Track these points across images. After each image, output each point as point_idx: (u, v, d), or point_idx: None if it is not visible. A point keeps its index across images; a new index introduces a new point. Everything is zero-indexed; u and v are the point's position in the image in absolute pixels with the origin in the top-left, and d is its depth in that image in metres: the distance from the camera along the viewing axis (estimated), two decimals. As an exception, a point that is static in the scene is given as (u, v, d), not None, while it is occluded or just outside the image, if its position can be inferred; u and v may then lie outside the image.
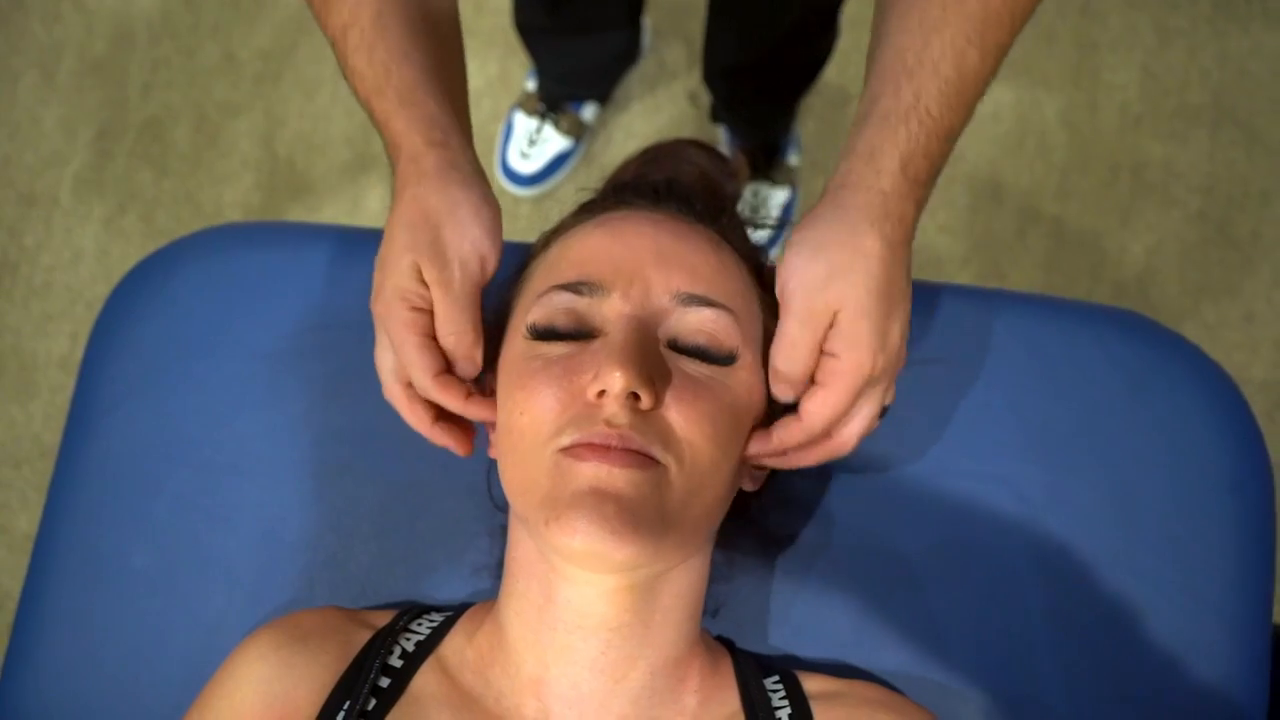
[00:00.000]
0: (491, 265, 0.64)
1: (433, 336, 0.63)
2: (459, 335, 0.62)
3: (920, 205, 0.59)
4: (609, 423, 0.56)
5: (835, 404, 0.60)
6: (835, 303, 0.58)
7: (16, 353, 1.66)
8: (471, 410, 0.64)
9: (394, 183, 0.64)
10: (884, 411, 0.64)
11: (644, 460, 0.57)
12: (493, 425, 0.67)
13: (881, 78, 0.58)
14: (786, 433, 0.61)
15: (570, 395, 0.59)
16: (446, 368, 0.63)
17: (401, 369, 0.64)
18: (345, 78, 0.67)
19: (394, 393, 0.66)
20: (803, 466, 0.64)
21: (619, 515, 0.55)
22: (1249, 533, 0.75)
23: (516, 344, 0.63)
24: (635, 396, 0.57)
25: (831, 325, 0.59)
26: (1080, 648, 0.73)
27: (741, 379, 0.61)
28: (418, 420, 0.66)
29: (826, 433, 0.62)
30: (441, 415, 0.66)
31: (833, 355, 0.59)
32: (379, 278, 0.64)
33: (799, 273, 0.59)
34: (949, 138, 0.57)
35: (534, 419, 0.59)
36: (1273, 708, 0.74)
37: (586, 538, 0.55)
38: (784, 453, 0.63)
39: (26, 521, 1.58)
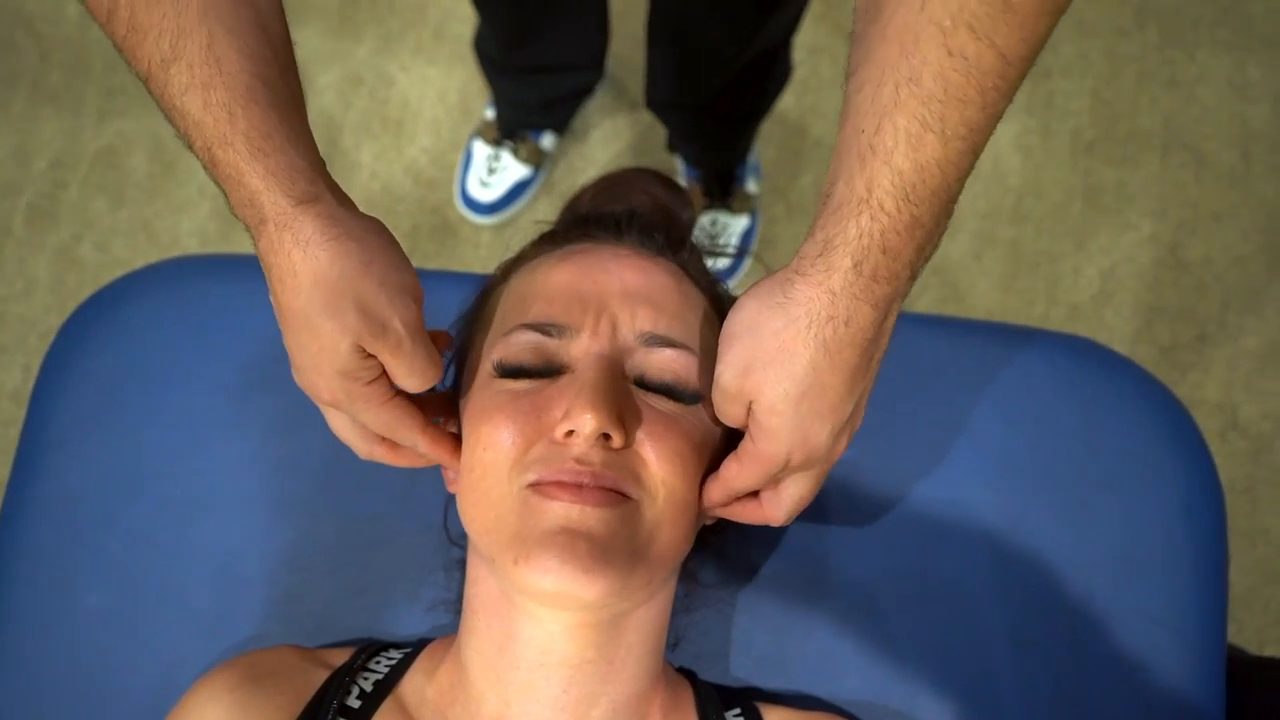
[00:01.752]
0: (418, 289, 0.59)
1: (395, 393, 0.60)
2: (424, 377, 0.59)
3: (885, 303, 0.52)
4: (579, 460, 0.57)
5: (745, 481, 0.59)
6: (751, 391, 0.55)
7: (-32, 385, 1.63)
8: (457, 459, 0.64)
9: (259, 245, 0.56)
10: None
11: (615, 497, 0.57)
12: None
13: (839, 158, 0.52)
14: (711, 487, 0.61)
15: (537, 431, 0.58)
16: (422, 416, 0.62)
17: (370, 431, 0.63)
18: (169, 119, 0.55)
19: (375, 453, 0.64)
20: (741, 521, 0.64)
21: (590, 554, 0.55)
22: (1201, 554, 0.76)
23: (483, 381, 0.63)
24: (606, 436, 0.57)
25: (750, 410, 0.57)
26: (1040, 671, 0.73)
27: (703, 417, 0.62)
28: (410, 461, 0.65)
29: (752, 495, 0.62)
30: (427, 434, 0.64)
31: (749, 436, 0.57)
32: (307, 368, 0.58)
33: (729, 344, 0.56)
34: (914, 229, 0.50)
35: (500, 454, 0.58)
36: (1229, 728, 0.75)
37: (558, 578, 0.54)
38: (714, 505, 0.63)
39: (-22, 557, 1.55)
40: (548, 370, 0.61)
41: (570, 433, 0.57)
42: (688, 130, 1.56)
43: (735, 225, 1.64)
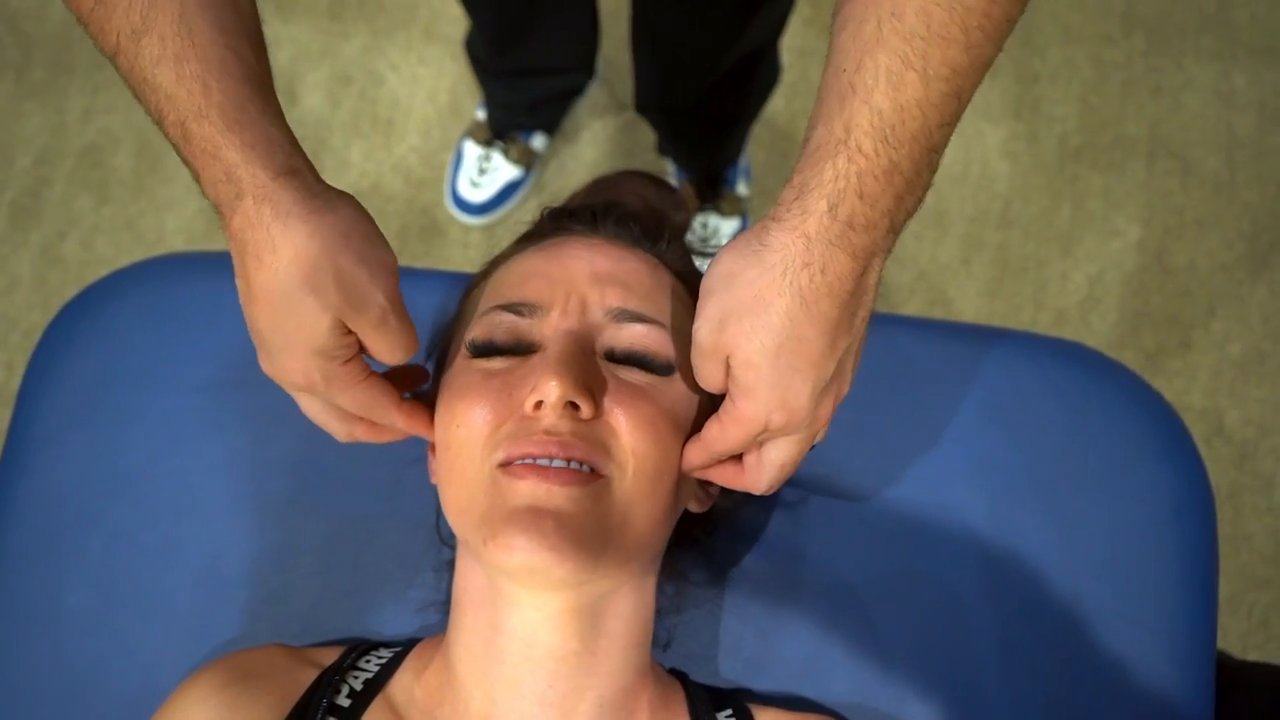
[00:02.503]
0: (394, 264, 0.58)
1: (370, 373, 0.59)
2: (404, 351, 0.58)
3: (864, 254, 0.51)
4: (548, 431, 0.56)
5: (726, 442, 0.57)
6: (727, 345, 0.53)
7: (-51, 383, 1.62)
8: (431, 429, 0.63)
9: (233, 223, 0.54)
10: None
11: (584, 476, 0.56)
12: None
13: (820, 100, 0.51)
14: (691, 449, 0.60)
15: (508, 408, 0.58)
16: (396, 394, 0.61)
17: (347, 412, 0.62)
18: (138, 96, 0.53)
19: (356, 433, 0.63)
20: (724, 485, 0.63)
21: (558, 531, 0.54)
22: (1191, 559, 0.76)
23: (457, 364, 0.63)
24: (574, 407, 0.57)
25: (727, 367, 0.55)
26: (1027, 674, 0.73)
27: (680, 389, 0.61)
28: (392, 436, 0.64)
29: (736, 459, 0.61)
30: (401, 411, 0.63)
31: (729, 396, 0.56)
32: (280, 350, 0.57)
33: (705, 298, 0.55)
34: (893, 175, 0.49)
35: (470, 432, 0.58)
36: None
37: (525, 554, 0.54)
38: (695, 468, 0.62)
39: (-43, 557, 1.54)
40: (518, 348, 0.61)
41: (539, 404, 0.57)
42: (676, 133, 1.56)
43: (726, 227, 1.64)
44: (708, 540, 0.75)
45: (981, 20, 0.47)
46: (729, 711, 0.67)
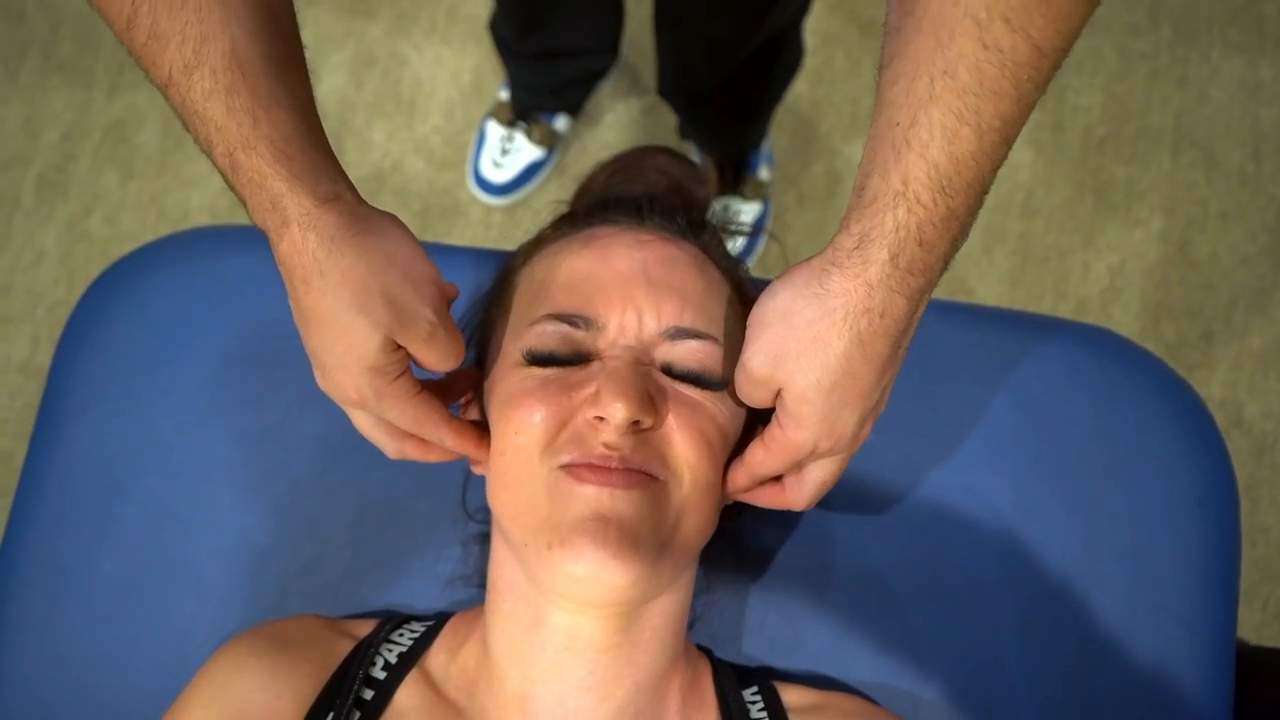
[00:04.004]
0: (440, 278, 0.60)
1: (421, 389, 0.61)
2: (454, 361, 0.60)
3: (918, 295, 0.53)
4: (609, 446, 0.57)
5: (771, 466, 0.60)
6: (782, 380, 0.55)
7: (-26, 355, 1.63)
8: (484, 451, 0.65)
9: (280, 249, 0.56)
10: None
11: (644, 479, 0.58)
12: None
13: (873, 150, 0.52)
14: (735, 473, 0.62)
15: (568, 413, 0.59)
16: (446, 411, 0.63)
17: (397, 429, 0.63)
18: (188, 127, 0.55)
19: (405, 450, 0.64)
20: (764, 506, 0.65)
21: (621, 539, 0.55)
22: (1214, 547, 0.76)
23: (510, 368, 0.63)
24: (635, 422, 0.58)
25: (778, 397, 0.57)
26: (1049, 660, 0.74)
27: (730, 404, 0.62)
28: (441, 456, 0.65)
29: (777, 480, 0.63)
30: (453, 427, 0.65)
31: (776, 423, 0.58)
32: (333, 368, 0.58)
33: (760, 329, 0.57)
34: (950, 221, 0.50)
35: (531, 438, 0.59)
36: (1236, 720, 0.75)
37: (592, 565, 0.55)
38: (738, 490, 0.64)
39: (-18, 527, 1.55)
40: (576, 359, 0.62)
41: (600, 419, 0.58)
42: (698, 118, 1.56)
43: (747, 212, 1.64)
44: (736, 524, 0.75)
45: (1031, 73, 0.48)
46: (754, 689, 0.67)
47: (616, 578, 0.55)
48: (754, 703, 0.66)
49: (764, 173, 1.67)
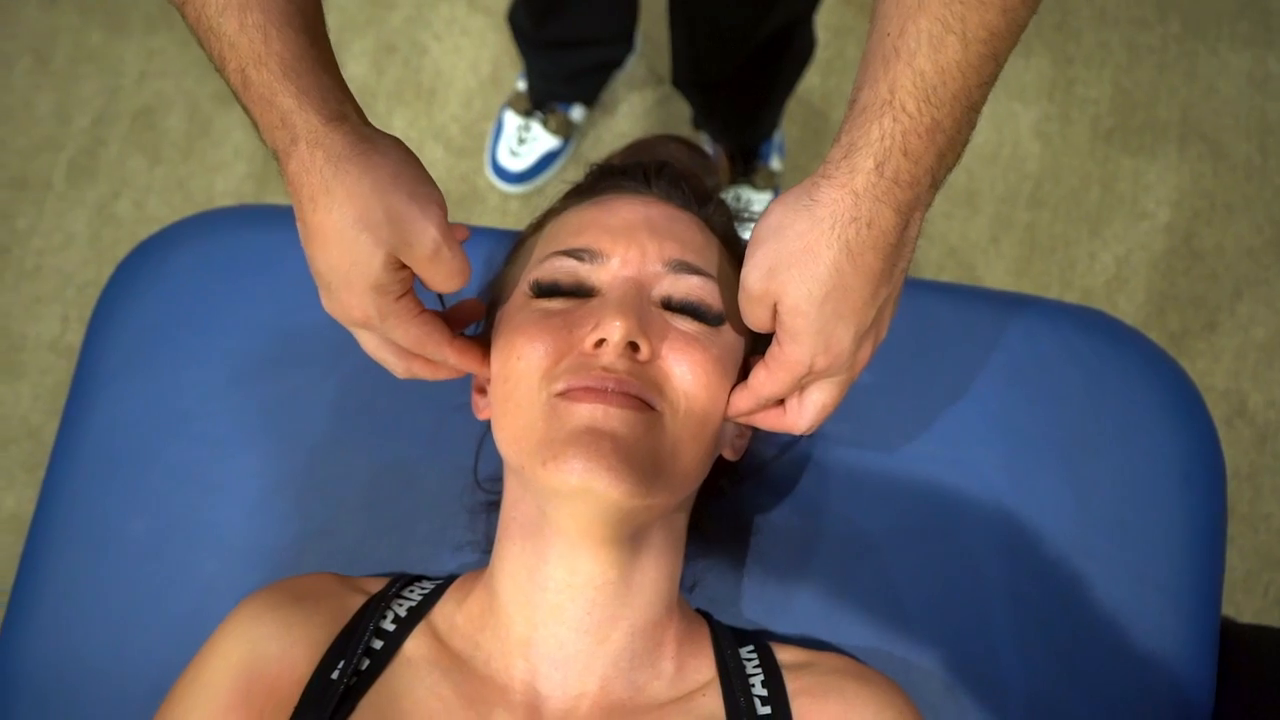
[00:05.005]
0: (442, 198, 0.60)
1: (423, 309, 0.62)
2: (458, 279, 0.60)
3: (907, 208, 0.53)
4: (606, 369, 0.60)
5: (773, 387, 0.60)
6: (776, 292, 0.56)
7: (6, 334, 1.67)
8: (488, 366, 0.66)
9: (289, 168, 0.57)
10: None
11: (639, 404, 0.60)
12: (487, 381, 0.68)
13: (865, 64, 0.53)
14: (738, 396, 0.64)
15: (568, 344, 0.62)
16: (449, 330, 0.64)
17: (404, 349, 0.64)
18: (202, 44, 0.57)
19: (413, 368, 0.65)
20: (767, 429, 0.66)
21: (615, 452, 0.58)
22: (1199, 523, 0.78)
23: (517, 301, 0.66)
24: (633, 348, 0.60)
25: (775, 313, 0.58)
26: (1035, 627, 0.76)
27: (727, 340, 0.65)
28: (448, 374, 0.66)
29: (779, 404, 0.64)
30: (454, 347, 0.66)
31: (776, 341, 0.59)
32: (338, 287, 0.59)
33: (755, 247, 0.57)
34: (935, 133, 0.51)
35: (530, 364, 0.62)
36: (1219, 694, 0.77)
37: (584, 474, 0.57)
38: (741, 414, 0.65)
39: (13, 501, 1.60)
40: (579, 291, 0.65)
41: (600, 343, 0.60)
42: (711, 108, 1.58)
43: (758, 201, 1.66)
44: (735, 490, 0.78)
45: None
46: (750, 648, 0.70)
47: (610, 489, 0.57)
48: (749, 659, 0.69)
49: (776, 162, 1.69)
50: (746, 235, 1.47)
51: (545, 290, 0.65)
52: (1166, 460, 0.79)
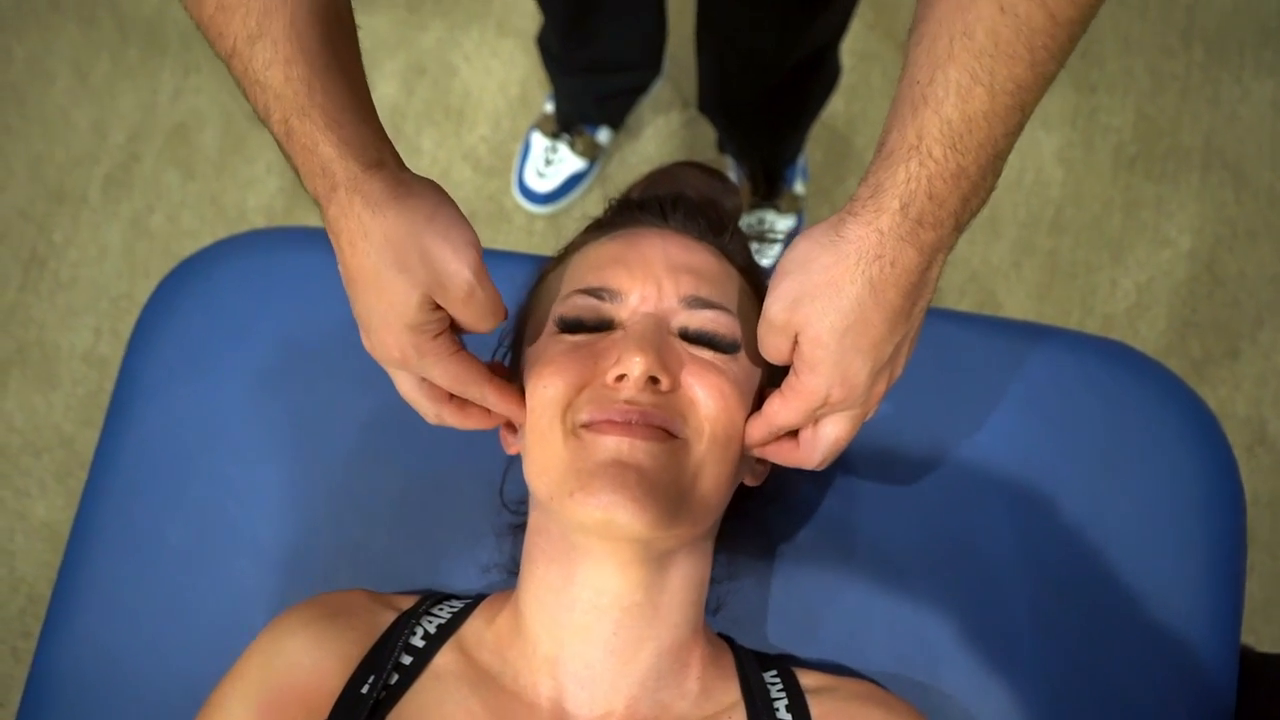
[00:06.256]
0: (477, 240, 0.61)
1: (461, 348, 0.63)
2: (493, 319, 0.62)
3: (930, 249, 0.55)
4: (629, 402, 0.62)
5: (787, 415, 0.62)
6: (798, 324, 0.58)
7: (41, 345, 1.70)
8: (523, 410, 0.67)
9: (329, 213, 0.59)
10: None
11: (663, 434, 0.62)
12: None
13: (894, 108, 0.55)
14: (752, 425, 0.65)
15: (592, 374, 0.64)
16: (487, 369, 0.65)
17: (436, 388, 0.66)
18: (248, 95, 0.58)
19: (443, 414, 0.67)
20: (779, 463, 0.67)
21: (640, 484, 0.60)
22: (1220, 552, 0.79)
23: (544, 338, 0.68)
24: (654, 380, 0.62)
25: (795, 344, 0.59)
26: (1058, 655, 0.76)
27: (744, 366, 0.67)
28: (477, 421, 0.68)
29: (791, 436, 0.65)
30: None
31: (793, 371, 0.60)
32: (376, 328, 0.61)
33: (780, 279, 0.59)
34: (960, 179, 0.53)
35: (557, 393, 0.63)
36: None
37: (609, 507, 0.59)
38: (756, 443, 0.66)
39: (45, 509, 1.63)
40: (601, 325, 0.67)
41: (621, 377, 0.62)
42: (736, 132, 1.60)
43: (781, 225, 1.68)
44: (760, 513, 0.79)
45: (1046, 40, 0.50)
46: (774, 672, 0.71)
47: (634, 520, 0.59)
48: (773, 683, 0.69)
49: (799, 186, 1.71)
50: (771, 255, 1.48)
51: (570, 326, 0.67)
52: (1187, 489, 0.80)
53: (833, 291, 0.56)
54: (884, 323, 0.56)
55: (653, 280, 0.67)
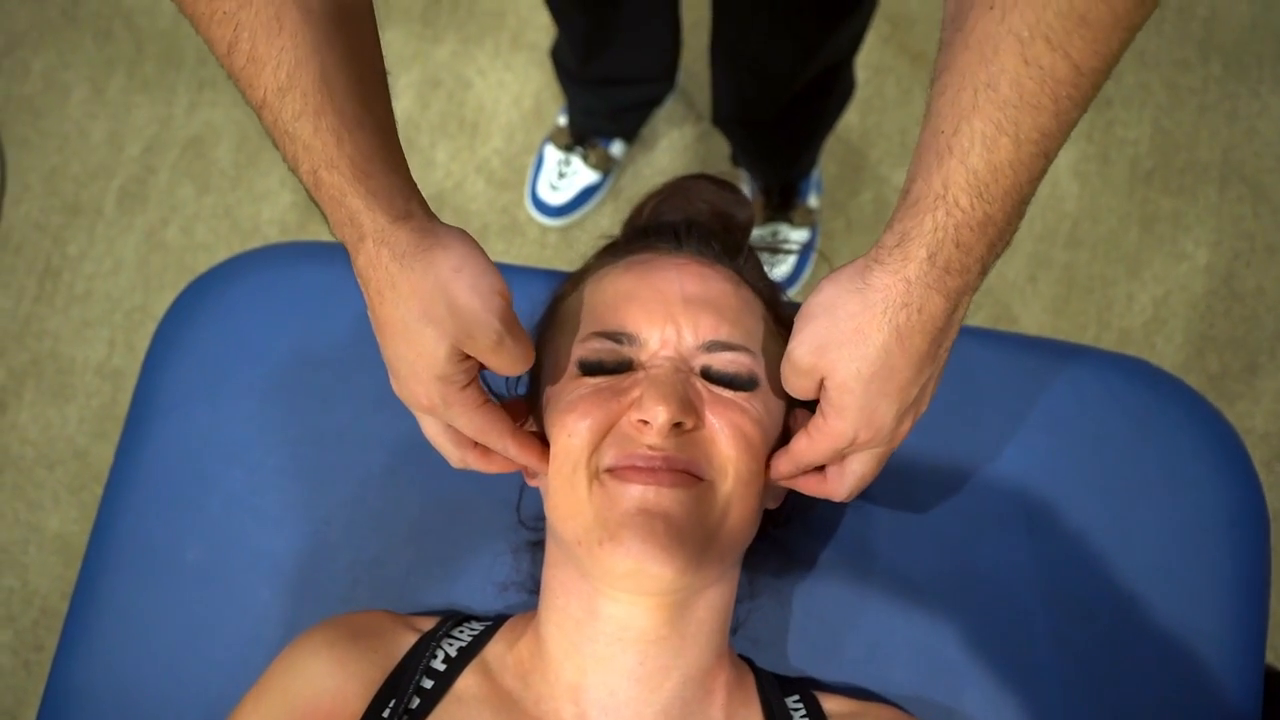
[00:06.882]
0: (505, 288, 0.62)
1: (488, 399, 0.64)
2: (523, 364, 0.63)
3: (956, 295, 0.55)
4: (652, 447, 0.62)
5: (814, 455, 0.62)
6: (825, 369, 0.58)
7: (55, 357, 1.71)
8: (545, 461, 0.67)
9: (358, 262, 0.60)
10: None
11: (689, 479, 0.62)
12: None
13: (919, 156, 0.55)
14: (779, 460, 0.65)
15: (615, 416, 0.64)
16: (511, 422, 0.65)
17: (461, 435, 0.66)
18: (277, 145, 0.59)
19: (467, 459, 0.67)
20: (806, 493, 0.68)
21: (668, 532, 0.60)
22: (1244, 571, 0.78)
23: (565, 379, 0.68)
24: (677, 425, 0.62)
25: (821, 387, 0.60)
26: (1080, 676, 0.76)
27: (764, 402, 0.66)
28: (500, 467, 0.68)
29: (819, 470, 0.66)
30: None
31: (820, 413, 0.61)
32: (406, 376, 0.62)
33: (806, 322, 0.59)
34: (987, 226, 0.53)
35: (581, 440, 0.63)
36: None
37: (639, 557, 0.59)
38: (782, 478, 0.67)
39: (58, 521, 1.63)
40: (621, 367, 0.66)
41: (644, 422, 0.62)
42: (751, 145, 1.60)
43: (795, 238, 1.68)
44: (782, 533, 0.78)
45: (1070, 90, 0.50)
46: (796, 697, 0.70)
47: (664, 570, 0.59)
48: (796, 709, 0.69)
49: (813, 200, 1.70)
50: (783, 267, 1.47)
51: (591, 369, 0.67)
52: (1210, 507, 0.79)
53: (859, 339, 0.56)
54: (910, 367, 0.57)
55: (671, 322, 0.67)
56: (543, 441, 0.68)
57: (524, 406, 0.72)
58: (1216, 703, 0.76)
